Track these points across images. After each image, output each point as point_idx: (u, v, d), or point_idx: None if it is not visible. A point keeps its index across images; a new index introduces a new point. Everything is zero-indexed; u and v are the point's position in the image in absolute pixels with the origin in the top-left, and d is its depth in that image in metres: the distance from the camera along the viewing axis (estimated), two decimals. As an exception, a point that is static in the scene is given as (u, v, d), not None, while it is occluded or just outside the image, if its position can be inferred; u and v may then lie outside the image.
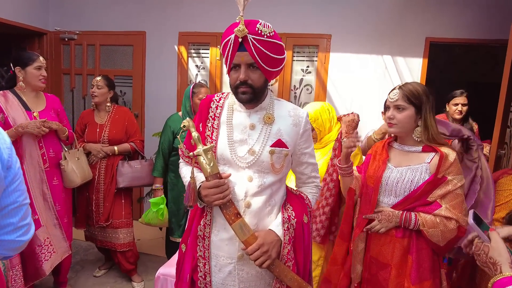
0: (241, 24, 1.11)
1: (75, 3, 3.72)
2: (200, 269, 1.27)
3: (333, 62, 3.19)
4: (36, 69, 2.17)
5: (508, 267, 0.89)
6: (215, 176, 1.19)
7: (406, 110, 1.43)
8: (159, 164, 2.48)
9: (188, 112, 2.44)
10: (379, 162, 1.54)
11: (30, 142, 2.14)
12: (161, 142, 2.48)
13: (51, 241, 2.23)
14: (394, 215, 1.42)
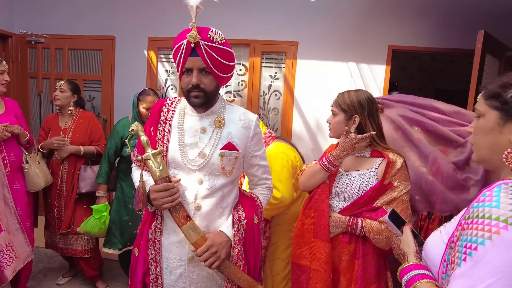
0: (194, 30, 1.15)
1: (43, 6, 3.65)
2: (152, 272, 1.28)
3: (300, 68, 3.27)
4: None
5: (413, 257, 0.96)
6: (164, 180, 1.21)
7: (337, 116, 1.53)
8: (103, 169, 2.40)
9: (136, 119, 2.40)
10: None
11: None
12: (107, 147, 2.40)
13: (13, 246, 2.16)
14: (341, 221, 1.44)
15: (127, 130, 2.34)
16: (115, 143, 2.36)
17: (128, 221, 2.39)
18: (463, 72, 4.33)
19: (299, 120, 3.26)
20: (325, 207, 1.48)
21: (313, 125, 3.26)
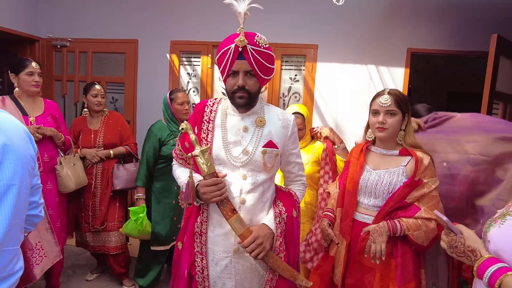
0: (241, 35, 1.22)
1: (68, 11, 3.77)
2: (198, 264, 1.34)
3: (319, 71, 3.33)
4: (27, 75, 2.20)
5: (485, 251, 0.98)
6: (211, 175, 1.28)
7: (396, 115, 1.51)
8: (142, 173, 2.43)
9: (171, 119, 2.47)
10: (357, 166, 1.63)
11: None
12: (145, 150, 2.42)
13: (43, 245, 2.23)
14: (382, 228, 1.46)
15: (163, 131, 2.43)
16: (153, 146, 2.40)
17: (173, 216, 2.45)
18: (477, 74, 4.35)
19: (319, 122, 3.32)
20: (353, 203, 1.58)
21: (333, 127, 3.32)
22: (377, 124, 1.54)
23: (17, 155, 0.88)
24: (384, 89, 1.58)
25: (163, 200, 2.45)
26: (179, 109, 2.46)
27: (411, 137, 1.56)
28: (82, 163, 2.49)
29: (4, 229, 0.82)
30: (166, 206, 2.44)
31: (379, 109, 1.53)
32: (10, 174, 0.85)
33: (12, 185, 0.85)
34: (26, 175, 0.91)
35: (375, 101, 1.56)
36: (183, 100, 2.48)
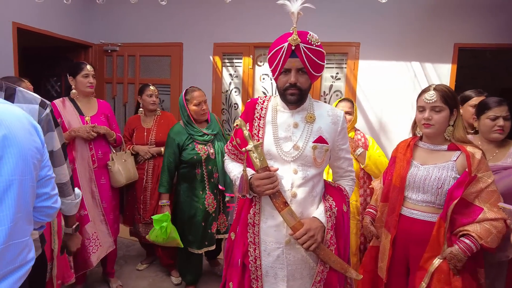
0: (295, 34, 1.27)
1: (117, 17, 4.02)
2: (251, 253, 1.41)
3: (362, 69, 3.30)
4: (83, 77, 2.38)
5: None
6: (264, 169, 1.34)
7: (443, 111, 1.50)
8: (164, 179, 2.41)
9: (188, 121, 2.39)
10: (403, 162, 1.63)
11: (82, 144, 2.34)
12: (166, 156, 2.40)
13: (98, 236, 2.41)
14: (457, 253, 1.41)
15: (182, 136, 2.37)
16: (172, 151, 2.37)
17: (201, 221, 2.40)
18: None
19: (361, 120, 3.29)
20: (399, 199, 1.59)
21: (376, 125, 3.28)
22: (423, 121, 1.54)
23: (19, 147, 0.86)
24: (430, 85, 1.57)
25: (190, 205, 2.40)
26: (196, 111, 2.36)
27: (460, 132, 1.53)
28: (132, 159, 2.63)
29: (9, 224, 0.83)
30: (194, 212, 2.40)
31: (424, 106, 1.54)
32: (12, 169, 0.84)
33: (14, 179, 0.84)
34: (30, 168, 0.89)
35: (421, 97, 1.57)
36: (200, 100, 2.36)
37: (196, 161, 2.36)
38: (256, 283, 1.40)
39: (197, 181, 2.39)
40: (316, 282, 1.36)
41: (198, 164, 2.38)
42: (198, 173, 2.38)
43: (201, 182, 2.39)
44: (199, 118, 2.41)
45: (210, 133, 2.41)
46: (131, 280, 2.78)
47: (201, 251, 2.45)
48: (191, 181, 2.39)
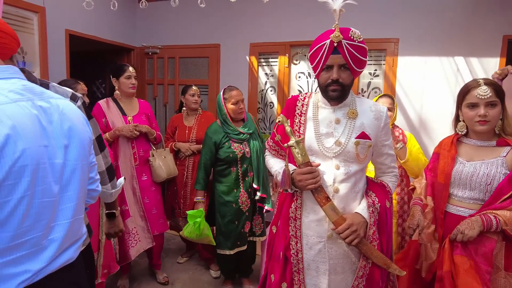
0: (337, 31, 1.29)
1: (158, 21, 4.20)
2: (292, 247, 1.44)
3: (401, 65, 3.23)
4: (126, 78, 2.50)
5: None
6: (306, 164, 1.36)
7: (497, 106, 1.45)
8: (200, 176, 2.47)
9: (225, 120, 2.42)
10: (448, 158, 1.59)
11: (125, 142, 2.47)
12: (203, 154, 2.46)
13: (137, 231, 2.52)
14: (475, 222, 1.41)
15: (218, 134, 2.42)
16: (209, 149, 2.43)
17: (234, 220, 2.41)
18: None
19: (401, 117, 3.22)
20: (444, 196, 1.55)
21: (416, 122, 3.19)
22: (477, 118, 1.48)
23: (79, 137, 0.97)
24: (476, 80, 1.51)
25: (224, 204, 2.43)
26: (233, 109, 2.39)
27: (509, 125, 1.48)
28: (171, 156, 2.74)
29: (75, 201, 0.95)
30: (228, 210, 2.41)
31: (478, 102, 1.47)
32: (76, 155, 0.95)
33: (77, 164, 0.96)
34: (86, 155, 1.01)
35: (472, 93, 1.50)
36: (238, 99, 2.40)
37: (232, 159, 2.40)
38: (297, 276, 1.43)
39: (231, 179, 2.43)
40: (358, 277, 1.37)
41: (233, 162, 2.42)
42: (233, 171, 2.43)
43: (236, 180, 2.43)
44: (236, 117, 2.45)
45: (246, 132, 2.44)
46: (172, 272, 2.90)
47: (233, 251, 2.44)
48: (226, 179, 2.44)
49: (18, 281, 0.81)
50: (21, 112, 0.82)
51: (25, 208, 0.80)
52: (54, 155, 0.88)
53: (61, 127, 0.92)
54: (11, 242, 0.79)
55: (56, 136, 0.90)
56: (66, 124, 0.93)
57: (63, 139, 0.92)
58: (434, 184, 1.66)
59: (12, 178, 0.77)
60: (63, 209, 0.92)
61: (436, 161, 1.68)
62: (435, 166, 1.68)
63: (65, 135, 0.93)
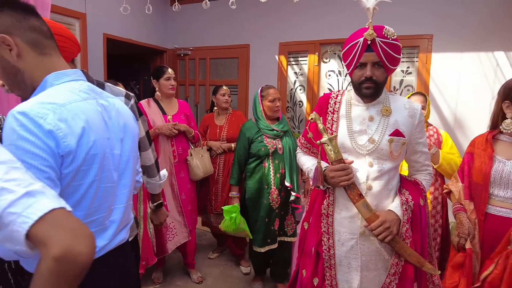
0: (370, 29, 1.30)
1: (189, 23, 4.32)
2: (324, 243, 1.46)
3: (435, 62, 3.14)
4: (165, 79, 2.60)
5: None
6: (339, 161, 1.38)
7: None
8: (234, 171, 2.53)
9: (260, 116, 2.46)
10: (484, 157, 1.55)
11: (164, 140, 2.56)
12: (237, 149, 2.51)
13: (175, 225, 2.61)
14: None
15: (252, 130, 2.47)
16: (243, 145, 2.47)
17: (265, 217, 2.42)
18: None
19: (435, 115, 3.13)
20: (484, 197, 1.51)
21: (451, 121, 3.10)
22: None
23: (131, 131, 1.08)
24: None
25: (255, 201, 2.45)
26: (270, 106, 2.43)
27: None
28: (208, 155, 2.82)
29: (129, 188, 1.06)
30: (258, 207, 2.44)
31: None
32: (129, 147, 1.06)
33: (130, 155, 1.06)
34: (136, 148, 1.12)
35: None
36: (275, 97, 2.44)
37: (263, 154, 2.42)
38: (329, 272, 1.45)
39: (263, 175, 2.44)
40: (390, 274, 1.37)
41: (265, 157, 2.43)
42: (264, 166, 2.44)
43: (267, 176, 2.44)
44: (272, 115, 2.48)
45: (280, 130, 2.46)
46: (203, 267, 2.99)
47: (264, 249, 2.44)
48: (258, 175, 2.45)
49: None
50: (90, 109, 0.93)
51: (94, 191, 0.91)
52: (113, 146, 0.99)
53: (118, 122, 1.03)
54: (83, 221, 0.88)
55: (115, 130, 1.01)
56: (121, 120, 1.04)
57: (120, 133, 1.03)
58: (471, 185, 1.62)
59: (86, 164, 0.88)
60: (119, 195, 1.03)
61: (471, 161, 1.64)
62: (470, 166, 1.63)
63: (121, 130, 1.03)
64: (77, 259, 0.56)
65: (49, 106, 0.83)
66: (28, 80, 0.91)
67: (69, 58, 1.22)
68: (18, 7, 0.89)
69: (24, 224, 0.54)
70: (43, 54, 0.92)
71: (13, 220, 0.54)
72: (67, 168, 0.84)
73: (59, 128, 0.82)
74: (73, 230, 0.57)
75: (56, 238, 0.54)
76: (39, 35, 0.91)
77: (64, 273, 0.55)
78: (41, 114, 0.80)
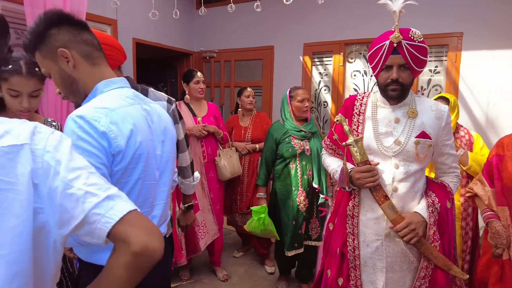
0: (397, 31, 1.31)
1: (215, 26, 4.40)
2: (349, 243, 1.47)
3: (465, 60, 3.05)
4: (195, 83, 2.68)
5: None
6: (365, 163, 1.39)
7: None
8: (262, 172, 2.55)
9: (288, 117, 2.46)
10: None
11: (194, 141, 2.64)
12: (264, 150, 2.53)
13: (206, 223, 2.69)
14: None
15: (279, 131, 2.48)
16: (270, 146, 2.49)
17: (292, 219, 2.42)
18: None
19: (465, 115, 3.04)
20: None
21: (482, 121, 3.00)
22: None
23: (170, 134, 1.17)
24: None
25: (283, 203, 2.45)
26: (298, 107, 2.43)
27: None
28: (237, 156, 2.87)
29: (168, 185, 1.15)
30: (287, 209, 2.44)
31: None
32: (169, 148, 1.14)
33: (169, 156, 1.15)
34: (174, 149, 1.21)
35: None
36: (304, 97, 2.44)
37: (290, 154, 2.42)
38: (354, 272, 1.46)
39: (290, 176, 2.44)
40: (420, 277, 1.36)
41: (292, 158, 2.43)
42: (292, 168, 2.44)
43: (294, 177, 2.43)
44: (300, 115, 2.47)
45: (308, 131, 2.46)
46: (229, 266, 3.05)
47: (291, 253, 2.44)
48: (285, 177, 2.45)
49: None
50: (136, 113, 1.03)
51: (139, 187, 1.00)
52: (156, 147, 1.08)
53: (159, 126, 1.12)
54: None
55: (157, 133, 1.10)
56: (162, 124, 1.14)
57: (161, 136, 1.12)
58: (504, 190, 1.57)
59: (133, 163, 0.98)
60: (160, 192, 1.12)
61: (500, 164, 1.59)
62: (500, 169, 1.59)
63: (162, 133, 1.13)
64: (153, 254, 0.63)
65: (102, 111, 0.93)
66: (81, 88, 1.02)
67: (116, 66, 1.32)
68: (74, 24, 1.00)
69: (108, 224, 0.61)
70: (94, 64, 1.03)
71: (98, 220, 0.61)
72: (117, 166, 0.94)
73: (111, 130, 0.92)
74: (147, 228, 0.64)
75: (135, 236, 0.62)
76: (91, 48, 1.02)
77: (140, 266, 0.63)
78: (95, 117, 0.91)
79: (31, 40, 0.97)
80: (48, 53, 0.97)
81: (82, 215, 0.61)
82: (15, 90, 1.40)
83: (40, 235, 0.62)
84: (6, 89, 1.41)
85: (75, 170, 0.64)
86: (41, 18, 0.96)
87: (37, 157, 0.61)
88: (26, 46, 1.00)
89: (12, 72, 1.38)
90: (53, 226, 0.62)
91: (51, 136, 0.65)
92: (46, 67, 1.01)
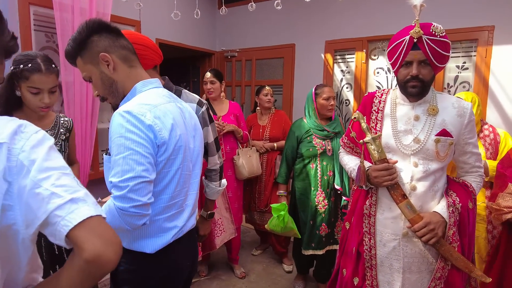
0: (417, 26, 1.26)
1: (236, 26, 4.42)
2: (366, 243, 1.44)
3: (496, 55, 2.90)
4: (204, 84, 2.75)
5: None
6: (382, 161, 1.36)
7: None
8: (282, 170, 2.52)
9: (312, 115, 2.42)
10: None
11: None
12: (285, 148, 2.51)
13: (222, 222, 2.69)
14: None
15: (301, 129, 2.44)
16: (291, 144, 2.46)
17: (310, 219, 2.39)
18: None
19: (495, 113, 2.90)
20: None
21: (514, 119, 2.85)
22: None
23: (199, 132, 1.27)
24: None
25: (302, 202, 2.43)
26: (324, 104, 2.38)
27: None
28: (257, 155, 2.85)
29: (198, 178, 1.26)
30: (305, 208, 2.42)
31: None
32: (199, 144, 1.24)
33: (199, 150, 1.25)
34: (203, 145, 1.30)
35: None
36: (329, 95, 2.39)
37: (311, 154, 2.38)
38: (370, 272, 1.42)
39: (310, 176, 2.40)
40: (435, 278, 1.32)
41: (312, 158, 2.40)
42: (312, 167, 2.40)
43: (314, 177, 2.39)
44: (325, 114, 2.42)
45: (331, 131, 2.40)
46: (247, 263, 3.06)
47: (307, 252, 2.40)
48: (304, 176, 2.43)
49: (171, 234, 1.12)
50: (174, 110, 1.13)
51: (178, 177, 1.11)
52: (189, 141, 1.18)
53: (190, 122, 1.22)
54: (169, 202, 1.10)
55: (189, 128, 1.20)
56: (192, 121, 1.24)
57: (192, 131, 1.22)
58: None
59: (174, 154, 1.08)
60: (192, 183, 1.22)
61: None
62: None
63: (193, 128, 1.23)
64: (105, 265, 0.62)
65: (146, 107, 1.03)
66: (120, 89, 1.12)
67: (150, 65, 1.37)
68: (112, 31, 1.10)
69: (66, 227, 0.62)
70: (131, 66, 1.12)
71: (58, 222, 0.62)
72: (161, 156, 1.04)
73: (156, 123, 1.02)
74: (105, 237, 0.64)
75: (90, 243, 0.61)
76: (128, 51, 1.12)
77: (91, 274, 0.63)
78: (141, 112, 1.00)
79: (73, 47, 1.07)
80: (89, 57, 1.07)
81: (45, 215, 0.62)
82: (36, 88, 1.47)
83: (9, 232, 0.63)
84: (27, 87, 1.47)
85: (48, 170, 0.64)
86: (83, 27, 1.05)
87: (13, 156, 0.63)
88: (68, 53, 1.09)
89: (32, 70, 1.45)
90: (21, 225, 0.63)
91: (33, 136, 0.66)
92: (87, 71, 1.09)
